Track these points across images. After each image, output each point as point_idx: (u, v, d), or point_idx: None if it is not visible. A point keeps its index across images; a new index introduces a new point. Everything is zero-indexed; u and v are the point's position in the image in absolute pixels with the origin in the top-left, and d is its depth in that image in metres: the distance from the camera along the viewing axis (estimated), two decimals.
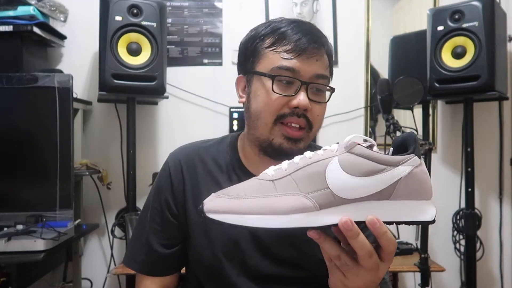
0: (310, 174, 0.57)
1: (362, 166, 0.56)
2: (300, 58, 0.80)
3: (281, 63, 0.80)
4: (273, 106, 0.80)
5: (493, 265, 2.09)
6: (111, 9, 1.72)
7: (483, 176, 2.05)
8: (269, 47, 0.82)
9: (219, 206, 0.55)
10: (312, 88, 0.82)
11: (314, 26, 0.87)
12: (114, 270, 1.71)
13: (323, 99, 0.84)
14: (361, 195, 0.55)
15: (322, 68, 0.82)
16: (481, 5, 1.73)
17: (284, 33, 0.81)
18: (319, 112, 0.84)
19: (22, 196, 1.64)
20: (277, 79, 0.80)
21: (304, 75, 0.80)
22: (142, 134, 2.04)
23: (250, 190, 0.57)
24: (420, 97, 1.81)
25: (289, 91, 0.80)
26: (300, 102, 0.79)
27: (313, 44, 0.80)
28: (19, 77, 1.64)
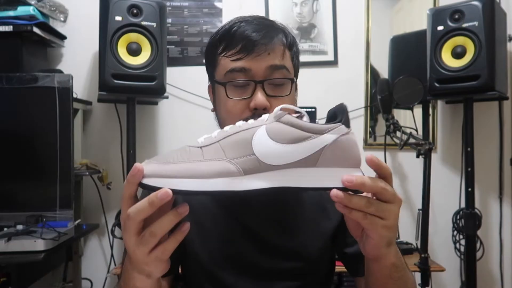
0: (237, 141, 0.58)
1: (288, 134, 0.57)
2: (250, 56, 0.79)
3: (231, 66, 0.80)
4: (233, 113, 0.80)
5: (493, 265, 2.09)
6: (111, 9, 1.72)
7: (483, 176, 2.05)
8: (221, 53, 0.82)
9: (149, 170, 0.56)
10: (270, 84, 0.80)
11: (265, 19, 0.85)
12: (114, 270, 1.71)
13: (284, 92, 0.81)
14: (286, 162, 0.57)
15: (276, 59, 0.80)
16: (481, 5, 1.73)
17: (232, 36, 0.81)
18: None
19: (22, 196, 1.64)
20: (229, 84, 0.80)
21: (257, 72, 0.79)
22: (142, 134, 2.04)
23: (179, 156, 0.58)
24: (420, 97, 1.81)
25: (245, 93, 0.79)
26: (256, 103, 0.77)
27: (262, 40, 0.79)
28: (19, 77, 1.64)
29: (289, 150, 0.56)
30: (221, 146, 0.58)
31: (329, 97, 2.11)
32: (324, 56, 2.13)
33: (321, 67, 2.12)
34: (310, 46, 2.13)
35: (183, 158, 0.57)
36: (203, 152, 0.58)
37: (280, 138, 0.57)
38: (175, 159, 0.57)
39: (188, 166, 0.56)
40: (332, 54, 2.12)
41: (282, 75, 0.81)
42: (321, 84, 2.11)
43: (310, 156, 0.57)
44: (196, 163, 0.57)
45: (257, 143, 0.57)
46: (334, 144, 0.57)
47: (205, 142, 0.60)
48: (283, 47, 0.82)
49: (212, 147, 0.58)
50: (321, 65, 2.12)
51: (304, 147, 0.57)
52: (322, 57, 2.13)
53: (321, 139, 0.57)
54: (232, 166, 0.56)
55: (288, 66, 0.82)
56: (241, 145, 0.57)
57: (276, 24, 0.85)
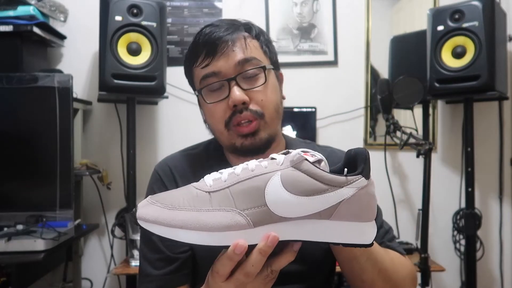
0: (248, 189, 0.54)
1: (305, 185, 0.54)
2: (215, 59, 0.79)
3: (203, 73, 0.81)
4: (217, 115, 0.81)
5: (493, 265, 2.09)
6: (111, 9, 1.72)
7: (483, 176, 2.05)
8: (193, 65, 0.84)
9: (150, 215, 0.53)
10: (244, 78, 0.80)
11: (225, 20, 0.86)
12: (114, 270, 1.71)
13: (260, 81, 0.81)
14: (300, 215, 0.54)
15: (242, 52, 0.80)
16: (481, 5, 1.73)
17: (196, 45, 0.82)
18: (262, 96, 0.80)
19: (22, 196, 1.64)
20: (205, 90, 0.81)
21: (227, 71, 0.79)
22: (142, 134, 2.04)
23: (185, 200, 0.55)
24: (420, 97, 1.81)
25: (222, 94, 0.80)
26: (233, 99, 0.78)
27: (222, 38, 0.79)
28: (19, 77, 1.64)
29: (304, 203, 0.53)
30: (231, 193, 0.54)
31: (329, 97, 2.11)
32: (324, 56, 2.13)
33: (321, 67, 2.12)
34: (310, 46, 2.13)
35: (189, 204, 0.54)
36: (211, 198, 0.55)
37: (296, 189, 0.53)
38: (181, 203, 0.54)
39: (195, 217, 0.53)
40: (332, 54, 2.12)
41: (252, 66, 0.80)
42: (321, 84, 2.11)
43: (326, 210, 0.54)
44: (203, 212, 0.54)
45: (270, 193, 0.53)
46: (352, 198, 0.54)
47: (213, 186, 0.56)
48: (246, 39, 0.82)
49: (220, 193, 0.55)
50: (321, 65, 2.12)
51: (321, 201, 0.54)
52: (322, 57, 2.13)
53: (339, 193, 0.54)
54: (242, 218, 0.53)
55: (257, 55, 0.82)
56: (253, 195, 0.54)
57: (237, 21, 0.85)
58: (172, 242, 0.54)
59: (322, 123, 2.07)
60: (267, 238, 0.53)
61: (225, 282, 0.57)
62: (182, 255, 0.83)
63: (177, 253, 0.83)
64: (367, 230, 0.56)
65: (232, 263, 0.54)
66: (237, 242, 0.52)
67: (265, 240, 0.53)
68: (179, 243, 0.54)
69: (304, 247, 0.83)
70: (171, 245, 0.83)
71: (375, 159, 2.06)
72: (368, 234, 0.56)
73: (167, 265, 0.83)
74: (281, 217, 0.54)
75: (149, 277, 0.83)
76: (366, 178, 0.55)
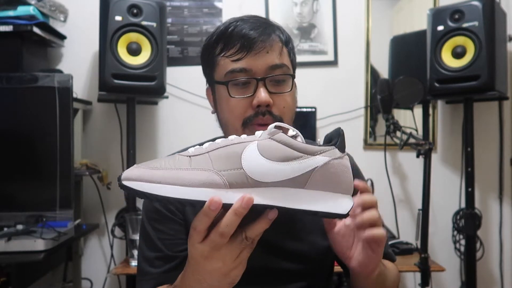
0: (226, 154, 0.57)
1: (279, 152, 0.56)
2: (249, 56, 0.79)
3: (231, 67, 0.80)
4: (237, 111, 0.80)
5: (493, 265, 2.09)
6: (111, 9, 1.72)
7: (483, 176, 2.05)
8: (219, 54, 0.82)
9: (134, 174, 0.56)
10: (271, 81, 0.80)
11: (260, 18, 0.85)
12: (114, 270, 1.71)
13: (286, 88, 0.82)
14: (274, 180, 0.56)
15: (276, 58, 0.80)
16: (481, 5, 1.73)
17: (229, 35, 0.81)
18: (284, 103, 0.81)
19: (22, 196, 1.64)
20: (231, 83, 0.80)
21: (257, 71, 0.79)
22: (142, 134, 2.04)
23: (167, 163, 0.57)
24: (420, 97, 1.81)
25: (247, 92, 0.80)
26: (259, 99, 0.77)
27: (260, 37, 0.79)
28: (19, 77, 1.64)
29: (278, 168, 0.56)
30: (209, 157, 0.57)
31: (329, 97, 2.11)
32: (324, 56, 2.13)
33: (321, 67, 2.12)
34: (310, 46, 2.13)
35: (170, 165, 0.57)
36: (191, 161, 0.57)
37: (271, 155, 0.56)
38: (163, 165, 0.57)
39: (174, 173, 0.56)
40: (332, 54, 2.12)
41: (282, 72, 0.81)
42: (321, 84, 2.11)
43: (299, 177, 0.56)
44: (182, 171, 0.56)
45: (247, 158, 0.56)
46: (325, 166, 0.56)
47: (195, 152, 0.59)
48: (281, 44, 0.82)
49: (201, 157, 0.58)
50: (321, 65, 2.12)
51: (294, 167, 0.56)
52: (322, 57, 2.13)
53: (312, 160, 0.56)
54: (218, 177, 0.56)
55: (287, 63, 0.82)
56: (230, 158, 0.56)
57: (271, 22, 0.85)
58: (153, 198, 0.55)
59: (322, 123, 2.07)
60: (243, 199, 0.55)
61: (201, 244, 0.58)
62: (181, 254, 0.83)
63: (176, 251, 0.83)
64: (342, 201, 0.57)
65: (208, 219, 0.56)
66: (212, 198, 0.54)
67: (241, 201, 0.55)
68: (164, 201, 0.55)
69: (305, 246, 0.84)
70: (170, 243, 0.83)
71: (375, 159, 2.06)
72: (344, 205, 0.57)
73: (166, 263, 0.83)
74: (257, 181, 0.56)
75: (147, 275, 0.83)
76: (340, 150, 0.58)
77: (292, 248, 0.84)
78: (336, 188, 0.57)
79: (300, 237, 0.85)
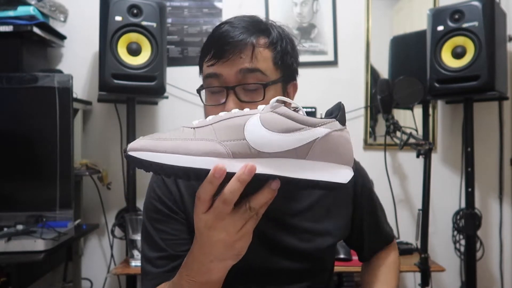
0: (230, 125, 0.58)
1: (281, 123, 0.57)
2: (222, 61, 0.76)
3: (207, 72, 0.79)
4: None
5: (493, 265, 2.09)
6: (111, 9, 1.72)
7: (483, 176, 2.05)
8: (203, 59, 0.82)
9: (139, 145, 0.57)
10: (244, 89, 0.77)
11: (249, 19, 0.81)
12: (114, 270, 1.71)
13: (258, 97, 0.77)
14: (276, 150, 0.57)
15: (248, 61, 0.76)
16: (481, 5, 1.73)
17: (210, 40, 0.80)
18: None
19: (22, 196, 1.64)
20: (206, 90, 0.80)
21: (228, 77, 0.76)
22: (142, 134, 2.02)
23: (172, 134, 0.59)
24: (420, 97, 1.81)
25: (220, 99, 0.78)
26: (227, 110, 0.73)
27: (235, 41, 0.76)
28: (19, 77, 1.64)
29: (280, 139, 0.57)
30: (213, 128, 0.58)
31: (329, 97, 2.10)
32: (324, 56, 2.13)
33: (321, 67, 2.12)
34: (310, 46, 2.13)
35: (175, 136, 0.58)
36: (195, 132, 0.59)
37: (273, 127, 0.57)
38: (167, 136, 0.58)
39: (178, 143, 0.57)
40: (332, 54, 2.12)
41: (255, 79, 0.77)
42: (321, 84, 2.11)
43: (301, 147, 0.57)
44: (186, 141, 0.57)
45: (250, 129, 0.57)
46: (325, 138, 0.58)
47: (199, 124, 0.60)
48: (259, 48, 0.78)
49: (204, 128, 0.59)
50: (321, 65, 2.12)
51: (295, 138, 0.57)
52: (322, 57, 2.13)
53: (313, 131, 0.58)
54: (221, 147, 0.57)
55: (263, 68, 0.77)
56: (233, 130, 0.58)
57: (259, 23, 0.81)
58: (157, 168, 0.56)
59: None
60: (245, 167, 0.56)
61: (206, 214, 0.59)
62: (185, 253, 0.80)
63: (180, 251, 0.82)
64: (342, 171, 0.59)
65: (212, 187, 0.56)
66: (217, 165, 0.55)
67: (244, 169, 0.56)
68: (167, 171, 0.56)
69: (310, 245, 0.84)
70: (173, 243, 0.83)
71: (375, 159, 2.06)
72: (344, 175, 0.59)
73: (169, 262, 0.82)
74: (259, 151, 0.57)
75: (149, 275, 0.83)
76: (340, 123, 0.60)
77: (296, 247, 0.84)
78: (336, 159, 0.59)
79: (303, 237, 0.85)
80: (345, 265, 1.55)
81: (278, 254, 0.83)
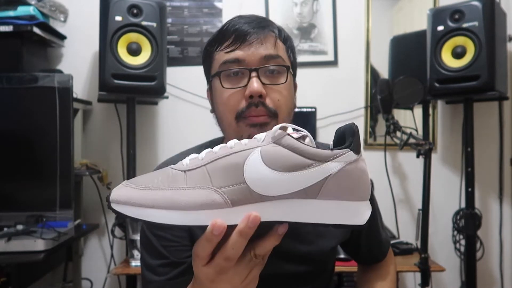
0: (226, 166, 0.50)
1: (287, 160, 0.49)
2: (243, 47, 0.77)
3: (225, 58, 0.79)
4: (230, 104, 0.78)
5: (493, 265, 2.09)
6: (111, 9, 1.72)
7: (483, 176, 2.05)
8: (216, 49, 0.81)
9: (123, 196, 0.50)
10: (265, 72, 0.78)
11: (257, 15, 0.84)
12: (114, 270, 1.71)
13: (281, 80, 0.79)
14: (282, 192, 0.49)
15: (270, 48, 0.78)
16: (481, 5, 1.73)
17: (225, 30, 0.80)
18: (279, 96, 0.78)
19: (22, 196, 1.64)
20: (223, 74, 0.79)
21: (250, 62, 0.77)
22: (142, 134, 2.04)
23: (159, 181, 0.51)
24: (420, 97, 1.81)
25: (241, 83, 0.77)
26: (251, 89, 0.75)
27: (255, 29, 0.78)
28: (19, 77, 1.64)
29: (286, 179, 0.49)
30: (207, 171, 0.51)
31: (329, 97, 2.11)
32: (324, 56, 2.13)
33: (321, 67, 2.12)
34: (310, 46, 2.13)
35: (164, 184, 0.50)
36: (186, 177, 0.51)
37: (277, 165, 0.49)
38: (155, 184, 0.50)
39: (168, 195, 0.49)
40: (332, 54, 2.12)
41: (277, 63, 0.79)
42: (321, 84, 2.11)
43: (310, 187, 0.49)
44: (177, 191, 0.50)
45: (250, 169, 0.49)
46: (339, 173, 0.49)
47: (190, 165, 0.52)
48: (276, 37, 0.81)
49: (197, 171, 0.51)
50: (321, 65, 2.12)
51: (304, 177, 0.49)
52: (322, 57, 2.13)
53: (324, 167, 0.49)
54: (218, 196, 0.49)
55: (282, 56, 0.80)
56: (231, 172, 0.50)
57: (268, 20, 0.84)
58: (153, 226, 0.52)
59: (322, 123, 2.07)
60: (248, 219, 0.49)
61: (206, 267, 0.53)
62: (188, 259, 0.79)
63: (183, 257, 0.80)
64: (360, 210, 0.51)
65: (211, 245, 0.51)
66: (215, 221, 0.48)
67: (246, 221, 0.49)
68: (163, 227, 0.50)
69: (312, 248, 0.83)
70: (175, 250, 0.81)
71: (375, 159, 2.06)
72: (361, 214, 0.51)
73: (172, 269, 0.80)
74: (262, 195, 0.49)
75: (152, 284, 0.81)
76: (355, 153, 0.51)
77: (298, 250, 0.83)
78: (351, 195, 0.50)
79: (306, 239, 0.84)
80: (345, 265, 1.55)
81: (281, 258, 0.82)
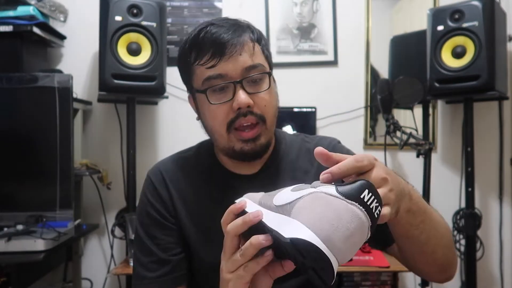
0: None
1: None
2: (223, 61, 0.78)
3: (207, 74, 0.80)
4: (220, 117, 0.81)
5: (493, 265, 2.09)
6: (111, 9, 1.72)
7: (483, 176, 2.05)
8: (194, 63, 0.82)
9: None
10: (248, 82, 0.80)
11: (229, 19, 0.84)
12: (114, 270, 1.71)
13: (263, 86, 0.82)
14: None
15: (249, 59, 0.80)
16: (481, 5, 1.73)
17: (201, 43, 0.80)
18: (264, 102, 0.81)
19: (22, 196, 1.64)
20: (209, 90, 0.80)
21: (233, 75, 0.79)
22: (142, 134, 2.04)
23: None
24: (420, 97, 1.81)
25: (226, 96, 0.80)
26: (239, 102, 0.78)
27: (231, 40, 0.79)
28: (19, 77, 1.64)
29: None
30: None
31: (329, 97, 2.11)
32: (324, 56, 2.13)
33: (321, 67, 2.12)
34: (310, 46, 2.13)
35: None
36: None
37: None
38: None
39: None
40: (332, 54, 2.12)
41: (258, 71, 0.81)
42: (321, 84, 2.11)
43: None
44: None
45: None
46: None
47: None
48: (253, 43, 0.82)
49: None
50: (321, 65, 2.12)
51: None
52: (322, 57, 2.13)
53: None
54: None
55: (261, 62, 0.82)
56: None
57: (241, 22, 0.85)
58: None
59: (322, 123, 2.07)
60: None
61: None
62: (174, 258, 0.85)
63: (170, 255, 0.85)
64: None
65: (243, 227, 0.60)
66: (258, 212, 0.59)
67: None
68: None
69: None
70: (164, 247, 0.86)
71: None
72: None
73: (160, 267, 0.84)
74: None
75: (145, 280, 0.85)
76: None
77: None
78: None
79: None
80: (345, 265, 1.55)
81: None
